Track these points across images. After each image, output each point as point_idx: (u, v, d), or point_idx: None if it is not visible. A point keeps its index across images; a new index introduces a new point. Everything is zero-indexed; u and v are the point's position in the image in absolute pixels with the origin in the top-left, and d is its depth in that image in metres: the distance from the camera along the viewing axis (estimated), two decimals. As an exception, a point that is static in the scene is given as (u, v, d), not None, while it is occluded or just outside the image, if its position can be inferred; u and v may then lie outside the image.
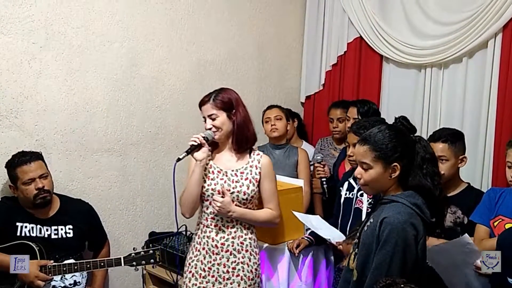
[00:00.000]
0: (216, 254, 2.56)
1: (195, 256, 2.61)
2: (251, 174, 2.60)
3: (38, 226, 2.85)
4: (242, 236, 2.59)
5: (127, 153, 3.57)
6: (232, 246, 2.56)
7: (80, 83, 3.30)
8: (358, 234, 2.12)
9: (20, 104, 3.06)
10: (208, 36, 3.97)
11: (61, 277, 2.80)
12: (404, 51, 3.89)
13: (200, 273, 2.57)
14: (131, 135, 3.58)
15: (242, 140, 2.60)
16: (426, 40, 3.76)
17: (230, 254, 2.56)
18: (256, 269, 2.62)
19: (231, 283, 2.55)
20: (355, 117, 3.37)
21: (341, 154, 3.56)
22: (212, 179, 2.58)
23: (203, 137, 2.53)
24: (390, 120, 3.37)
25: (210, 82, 3.96)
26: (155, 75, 3.68)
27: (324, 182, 3.34)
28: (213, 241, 2.56)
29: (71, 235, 2.93)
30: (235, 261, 2.56)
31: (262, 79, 4.40)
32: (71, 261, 2.79)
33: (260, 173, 2.61)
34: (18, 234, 2.81)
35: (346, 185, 2.99)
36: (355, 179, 2.93)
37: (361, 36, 4.19)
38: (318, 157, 3.48)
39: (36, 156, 2.87)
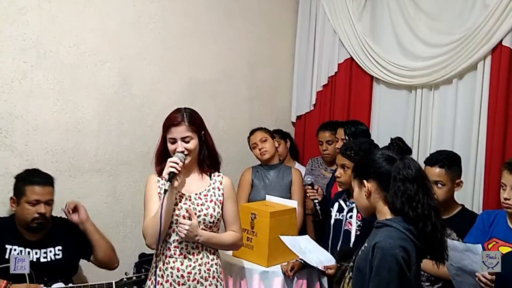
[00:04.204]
0: (182, 284, 2.40)
1: None
2: (214, 196, 2.50)
3: (27, 250, 2.77)
4: (208, 263, 2.46)
5: (118, 173, 3.54)
6: (199, 274, 2.42)
7: (71, 103, 3.27)
8: (354, 257, 2.11)
9: (11, 124, 3.02)
10: (199, 56, 3.97)
11: (50, 302, 2.74)
12: (394, 72, 3.93)
13: None
14: (121, 155, 3.55)
15: (215, 161, 2.54)
16: (417, 62, 3.81)
17: (197, 283, 2.42)
18: None
19: None
20: (343, 138, 3.38)
21: (333, 174, 3.55)
22: (175, 204, 2.43)
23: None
24: (380, 141, 3.42)
25: (202, 102, 3.96)
26: (147, 95, 3.67)
27: (317, 204, 3.32)
28: (178, 271, 2.40)
29: (60, 256, 2.86)
30: None
31: (253, 98, 4.41)
32: (61, 285, 2.73)
33: (223, 194, 2.52)
34: (7, 256, 2.73)
35: (336, 206, 2.98)
36: (345, 200, 2.94)
37: (351, 57, 4.23)
38: (308, 180, 3.39)
39: (50, 181, 2.82)
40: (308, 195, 3.37)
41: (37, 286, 2.63)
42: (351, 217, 2.85)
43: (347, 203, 2.92)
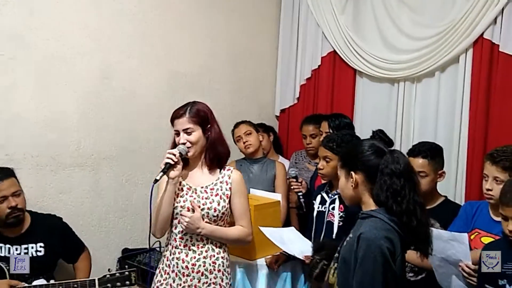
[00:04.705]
0: (187, 276, 2.43)
1: (164, 280, 2.48)
2: (221, 190, 2.49)
3: (7, 246, 2.73)
4: (214, 256, 2.47)
5: (100, 168, 3.49)
6: (204, 266, 2.44)
7: (51, 96, 3.21)
8: (338, 248, 2.11)
9: (-12, 118, 2.96)
10: (180, 48, 3.93)
11: (31, 299, 2.69)
12: (377, 65, 3.94)
13: None
14: (103, 149, 3.50)
15: (215, 157, 2.51)
16: (399, 55, 3.82)
17: (202, 275, 2.43)
18: None
19: None
20: (327, 131, 3.38)
21: (317, 167, 3.55)
22: (181, 197, 2.47)
23: (179, 154, 2.41)
24: (363, 134, 3.42)
25: (183, 95, 3.91)
26: (127, 88, 3.62)
27: (301, 197, 3.32)
28: (183, 262, 2.43)
29: (41, 253, 2.82)
30: (206, 282, 2.44)
31: (236, 92, 4.38)
32: (42, 281, 2.68)
33: (230, 188, 2.51)
34: (-13, 253, 2.70)
35: (318, 198, 2.97)
36: (327, 192, 2.94)
37: (334, 50, 4.23)
38: (293, 173, 3.39)
39: (8, 173, 2.74)
40: (292, 187, 3.36)
41: (18, 283, 2.59)
42: (333, 208, 2.85)
43: (329, 195, 2.91)
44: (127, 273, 2.68)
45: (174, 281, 2.45)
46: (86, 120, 3.40)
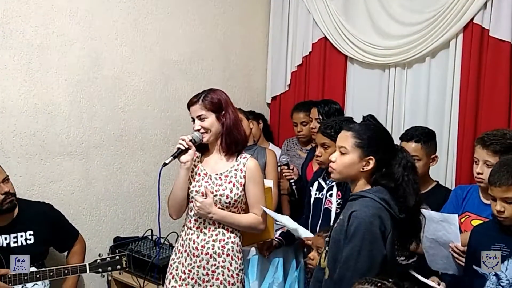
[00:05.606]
0: (196, 256, 2.53)
1: (177, 258, 2.60)
2: (235, 177, 2.55)
3: (-4, 235, 2.73)
4: (224, 240, 2.54)
5: (90, 156, 3.47)
6: (213, 249, 2.52)
7: (40, 84, 3.18)
8: (329, 232, 2.12)
9: (-24, 107, 2.93)
10: (172, 36, 3.90)
11: (22, 286, 2.68)
12: (368, 51, 3.92)
13: (180, 276, 2.56)
14: (93, 138, 3.48)
15: (232, 143, 2.55)
16: (390, 40, 3.81)
17: (210, 257, 2.52)
18: (237, 274, 2.56)
19: (210, 286, 2.52)
20: (317, 118, 3.38)
21: (308, 154, 3.55)
22: (197, 181, 2.57)
23: (190, 140, 2.49)
24: (354, 119, 3.42)
25: (175, 83, 3.91)
26: (118, 76, 3.59)
27: (293, 183, 3.32)
28: (194, 243, 2.53)
29: (31, 241, 2.81)
30: (214, 265, 2.52)
31: (227, 79, 4.35)
32: (33, 269, 2.68)
33: (245, 176, 2.55)
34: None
35: (315, 185, 2.97)
36: (324, 179, 2.93)
37: (325, 37, 4.20)
38: (284, 160, 3.42)
39: None
40: (284, 175, 3.37)
41: (8, 271, 2.59)
42: (331, 195, 2.84)
43: (327, 181, 2.90)
44: (117, 257, 2.69)
45: (185, 260, 2.56)
46: (76, 108, 3.37)
